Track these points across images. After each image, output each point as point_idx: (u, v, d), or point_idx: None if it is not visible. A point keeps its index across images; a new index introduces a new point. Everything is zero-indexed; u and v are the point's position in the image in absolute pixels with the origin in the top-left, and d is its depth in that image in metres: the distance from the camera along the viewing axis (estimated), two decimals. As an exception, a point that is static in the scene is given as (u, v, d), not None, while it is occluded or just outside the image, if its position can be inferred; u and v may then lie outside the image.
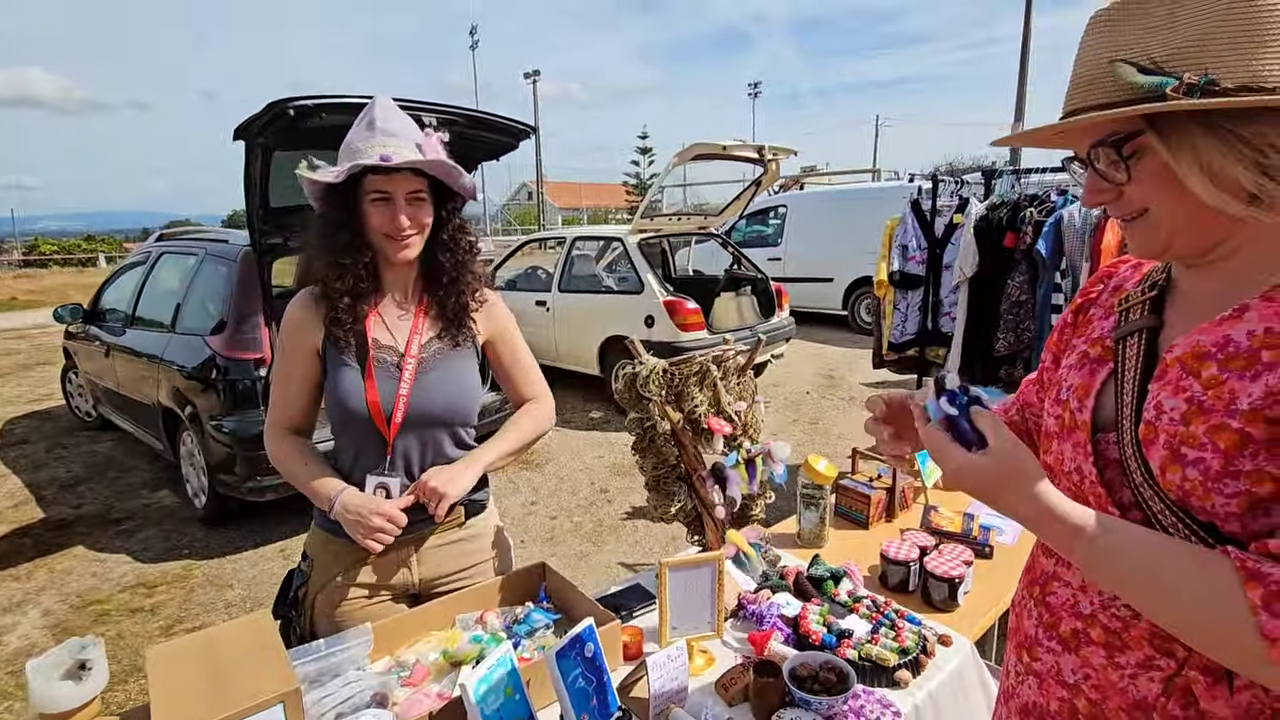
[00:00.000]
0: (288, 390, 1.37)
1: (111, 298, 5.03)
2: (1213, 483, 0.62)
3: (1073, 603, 0.76)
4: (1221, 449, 0.61)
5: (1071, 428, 0.77)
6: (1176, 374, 0.67)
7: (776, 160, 5.64)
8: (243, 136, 2.87)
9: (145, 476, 4.75)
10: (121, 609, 3.16)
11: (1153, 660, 0.69)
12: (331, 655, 1.16)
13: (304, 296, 1.34)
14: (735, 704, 1.24)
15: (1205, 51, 0.60)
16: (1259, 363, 0.61)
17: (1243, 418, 0.60)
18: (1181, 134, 0.62)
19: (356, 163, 1.22)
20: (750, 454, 1.46)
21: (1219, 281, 0.70)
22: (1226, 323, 0.65)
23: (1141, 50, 0.64)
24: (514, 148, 3.57)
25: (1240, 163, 0.60)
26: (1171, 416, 0.65)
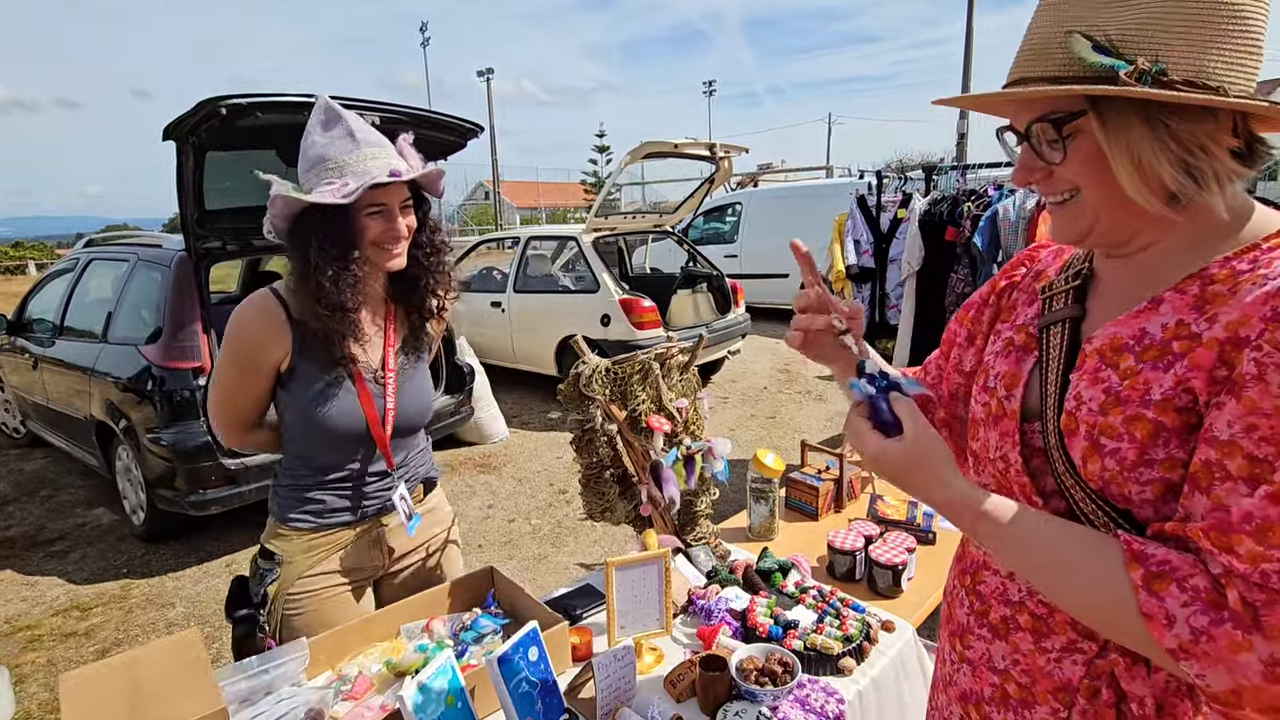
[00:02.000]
0: (243, 402, 1.35)
1: (38, 307, 4.77)
2: (1129, 471, 0.63)
3: (1002, 590, 0.78)
4: (1138, 439, 0.62)
5: (999, 416, 0.78)
6: (1095, 365, 0.68)
7: (729, 158, 5.69)
8: (173, 136, 2.75)
9: (79, 494, 4.52)
10: (54, 634, 3.00)
11: (1075, 644, 0.71)
12: (264, 672, 1.12)
13: (264, 308, 1.29)
14: (684, 700, 1.24)
15: (1155, 38, 0.59)
16: (1170, 353, 0.62)
17: (1156, 408, 0.61)
18: (1120, 121, 0.61)
19: (371, 180, 1.21)
20: (690, 451, 1.46)
21: (1137, 273, 0.70)
22: (1143, 315, 0.66)
23: (1096, 25, 0.61)
24: (462, 147, 3.52)
25: (1168, 160, 0.60)
26: (1090, 407, 0.66)
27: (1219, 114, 0.60)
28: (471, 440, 5.28)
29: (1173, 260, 0.67)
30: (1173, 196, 0.62)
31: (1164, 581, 0.56)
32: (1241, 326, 0.58)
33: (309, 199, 1.21)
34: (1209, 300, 0.62)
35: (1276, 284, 0.57)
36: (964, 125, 17.16)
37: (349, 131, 1.26)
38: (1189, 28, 0.58)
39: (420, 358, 1.48)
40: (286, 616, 1.35)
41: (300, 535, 1.36)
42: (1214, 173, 0.61)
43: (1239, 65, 0.59)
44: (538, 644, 1.14)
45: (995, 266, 2.96)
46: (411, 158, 1.32)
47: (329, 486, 1.37)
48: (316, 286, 1.24)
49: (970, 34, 17.55)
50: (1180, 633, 0.55)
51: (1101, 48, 0.60)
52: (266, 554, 1.38)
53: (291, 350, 1.30)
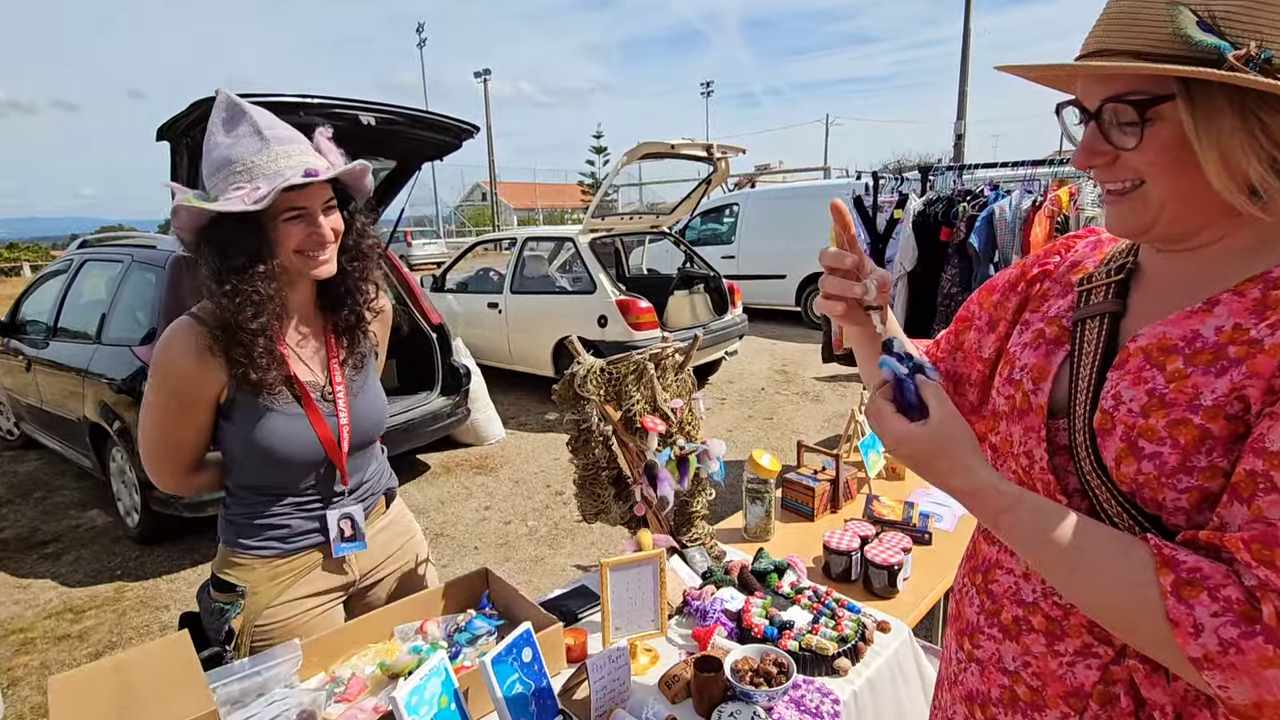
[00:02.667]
0: (182, 441, 1.24)
1: (31, 309, 4.76)
2: (1167, 477, 0.61)
3: (1015, 590, 0.76)
4: (1181, 444, 0.60)
5: (1024, 410, 0.74)
6: (1139, 364, 0.64)
7: (725, 158, 5.70)
8: (167, 136, 2.74)
9: (73, 496, 4.50)
10: (46, 637, 2.99)
11: (1091, 648, 0.69)
12: (256, 674, 1.11)
13: (191, 339, 1.17)
14: (679, 701, 1.24)
15: (1260, 19, 0.54)
16: (1225, 358, 0.59)
17: (1205, 414, 0.59)
18: (1213, 110, 0.56)
19: (284, 182, 1.09)
20: (684, 451, 1.46)
21: (1191, 270, 0.66)
22: (1195, 316, 0.63)
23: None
24: (457, 147, 3.52)
25: (1257, 156, 0.56)
26: (1130, 408, 0.63)
27: None
28: (468, 441, 5.27)
29: (1234, 260, 0.63)
30: (1254, 191, 0.58)
31: (1195, 589, 0.55)
32: None
33: (214, 208, 1.09)
34: (1271, 305, 0.59)
35: None
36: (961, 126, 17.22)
37: (255, 129, 1.13)
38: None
39: (366, 367, 1.38)
40: (256, 649, 1.26)
41: (265, 563, 1.28)
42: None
43: None
44: (531, 645, 1.14)
45: (991, 267, 2.97)
46: (331, 154, 1.20)
47: (291, 511, 1.29)
48: (232, 305, 1.12)
49: (968, 35, 17.62)
50: (1207, 642, 0.53)
51: (1207, 25, 0.55)
52: (224, 586, 1.27)
53: (227, 380, 1.18)
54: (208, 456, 1.30)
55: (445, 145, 3.42)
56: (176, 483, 1.29)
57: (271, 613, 1.28)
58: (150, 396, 1.21)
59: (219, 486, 1.33)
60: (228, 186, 1.12)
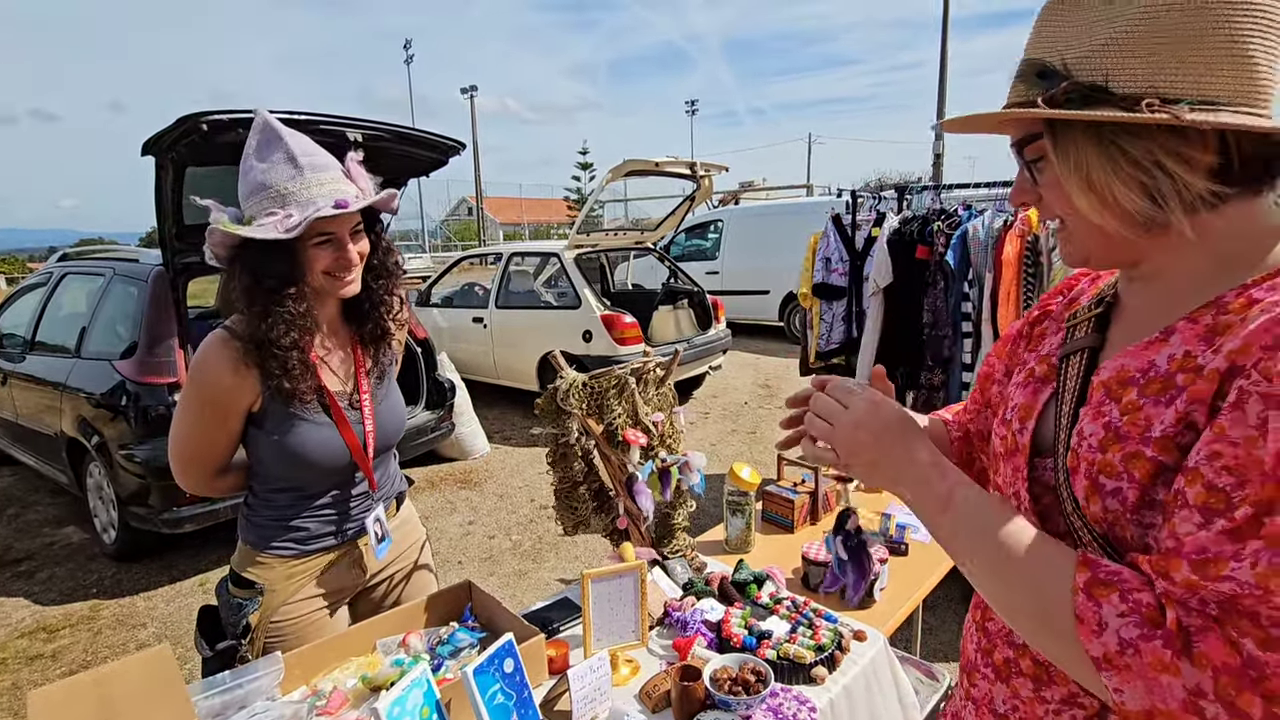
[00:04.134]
0: (215, 450, 1.30)
1: (8, 322, 4.69)
2: (1131, 514, 0.58)
3: (1007, 631, 0.74)
4: (1137, 479, 0.57)
5: (1012, 450, 0.74)
6: (1100, 398, 0.63)
7: (709, 176, 5.78)
8: (152, 152, 2.75)
9: (48, 513, 4.42)
10: (19, 656, 2.93)
11: (1076, 698, 0.67)
12: (238, 687, 1.12)
13: (228, 353, 1.22)
14: (659, 710, 1.26)
15: (1111, 56, 0.56)
16: (1173, 387, 0.57)
17: (1155, 445, 0.56)
18: (1070, 143, 0.58)
19: (316, 213, 1.15)
20: (665, 463, 1.49)
21: (1157, 300, 0.64)
22: (1153, 346, 0.61)
23: (1064, 47, 0.59)
24: (444, 164, 3.55)
25: (1120, 180, 0.56)
26: (1090, 444, 0.62)
27: (1187, 130, 0.54)
28: (452, 456, 5.25)
29: (1190, 287, 0.61)
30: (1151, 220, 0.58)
31: (1107, 590, 0.54)
32: (1241, 355, 0.53)
33: (248, 234, 1.14)
34: (1219, 331, 0.57)
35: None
36: (940, 146, 17.57)
37: (290, 155, 1.18)
38: (1150, 46, 0.55)
39: (387, 376, 1.46)
40: (269, 644, 1.32)
41: (283, 563, 1.34)
42: (1175, 191, 0.56)
43: (1223, 77, 0.54)
44: (513, 656, 1.15)
45: (966, 284, 3.05)
46: (362, 179, 1.26)
47: (312, 514, 1.35)
48: (264, 324, 1.19)
49: (945, 58, 18.03)
50: (1108, 641, 0.53)
51: (1048, 70, 0.59)
52: (242, 582, 1.33)
53: (261, 391, 1.24)
54: (234, 461, 1.36)
55: (432, 162, 3.45)
56: (204, 485, 1.34)
57: (286, 610, 1.34)
58: (184, 405, 1.26)
59: (243, 488, 1.38)
60: (261, 211, 1.17)
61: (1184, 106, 0.53)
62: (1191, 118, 0.53)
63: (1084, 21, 0.58)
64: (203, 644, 1.35)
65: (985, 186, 3.41)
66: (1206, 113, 0.53)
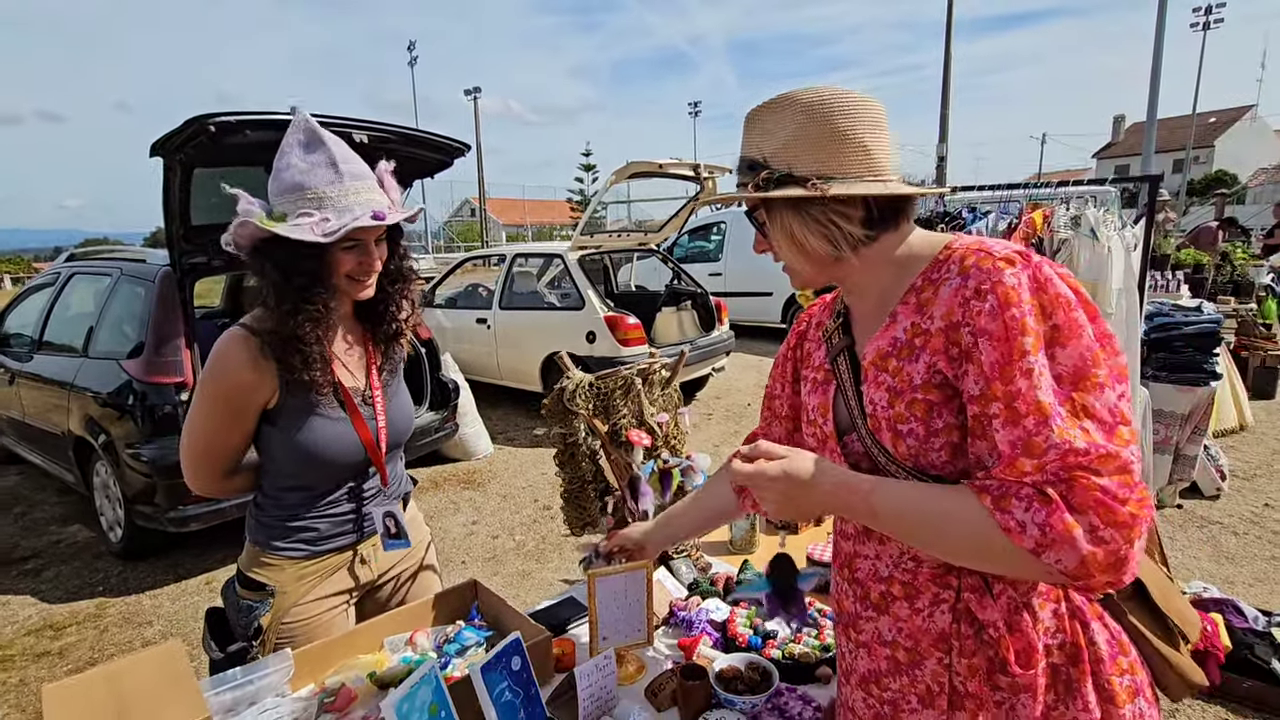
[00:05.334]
0: (228, 449, 1.32)
1: (15, 322, 4.72)
2: (924, 444, 0.81)
3: (874, 570, 0.91)
4: (920, 416, 0.81)
5: (823, 439, 0.95)
6: (874, 373, 0.87)
7: (713, 177, 5.78)
8: (160, 153, 2.78)
9: (54, 511, 4.45)
10: (26, 654, 2.94)
11: (939, 596, 0.85)
12: (249, 683, 1.13)
13: (247, 349, 1.24)
14: (664, 709, 1.26)
15: (789, 152, 0.84)
16: (915, 348, 0.82)
17: (921, 390, 0.81)
18: (777, 211, 0.87)
19: (355, 222, 1.17)
20: (667, 465, 1.50)
21: (871, 302, 0.92)
22: (889, 328, 0.87)
23: (761, 148, 0.87)
24: (449, 165, 3.57)
25: (811, 233, 0.85)
26: (881, 405, 0.85)
27: (842, 197, 0.83)
28: (456, 456, 5.26)
29: (890, 285, 0.88)
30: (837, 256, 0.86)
31: (1006, 499, 0.71)
32: (950, 315, 0.79)
33: (285, 232, 1.15)
34: (924, 304, 0.83)
35: (956, 280, 0.80)
36: (943, 149, 17.54)
37: (331, 160, 1.20)
38: (808, 146, 0.84)
39: (397, 373, 1.49)
40: (280, 645, 1.32)
41: (294, 564, 1.34)
42: (845, 237, 0.85)
43: (853, 162, 0.83)
44: (521, 654, 1.16)
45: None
46: (392, 190, 1.29)
47: (322, 513, 1.36)
48: (293, 320, 1.21)
49: (948, 61, 18.01)
50: (1031, 533, 0.69)
51: (754, 164, 0.87)
52: (253, 584, 1.33)
53: (278, 387, 1.26)
54: (244, 462, 1.37)
55: (437, 163, 3.47)
56: (214, 486, 1.35)
57: (297, 611, 1.35)
58: (199, 403, 1.27)
59: (251, 490, 1.39)
60: (295, 210, 1.18)
61: (832, 183, 0.82)
62: (835, 190, 0.82)
63: (768, 129, 0.86)
64: (213, 646, 1.34)
65: (989, 189, 3.41)
66: (848, 185, 0.83)
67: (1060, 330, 0.73)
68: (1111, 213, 3.05)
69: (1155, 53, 14.69)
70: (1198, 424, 3.70)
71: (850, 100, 0.84)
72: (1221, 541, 3.50)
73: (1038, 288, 0.75)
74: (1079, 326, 0.74)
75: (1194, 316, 3.68)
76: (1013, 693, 0.82)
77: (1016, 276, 0.75)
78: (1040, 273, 0.76)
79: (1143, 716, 0.84)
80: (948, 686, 0.84)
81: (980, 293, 0.76)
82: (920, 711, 0.87)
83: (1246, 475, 4.33)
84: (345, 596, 1.43)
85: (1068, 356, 0.73)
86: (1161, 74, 14.76)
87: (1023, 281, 0.75)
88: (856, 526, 0.94)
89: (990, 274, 0.77)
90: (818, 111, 0.83)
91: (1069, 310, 0.74)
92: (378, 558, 1.46)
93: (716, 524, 1.36)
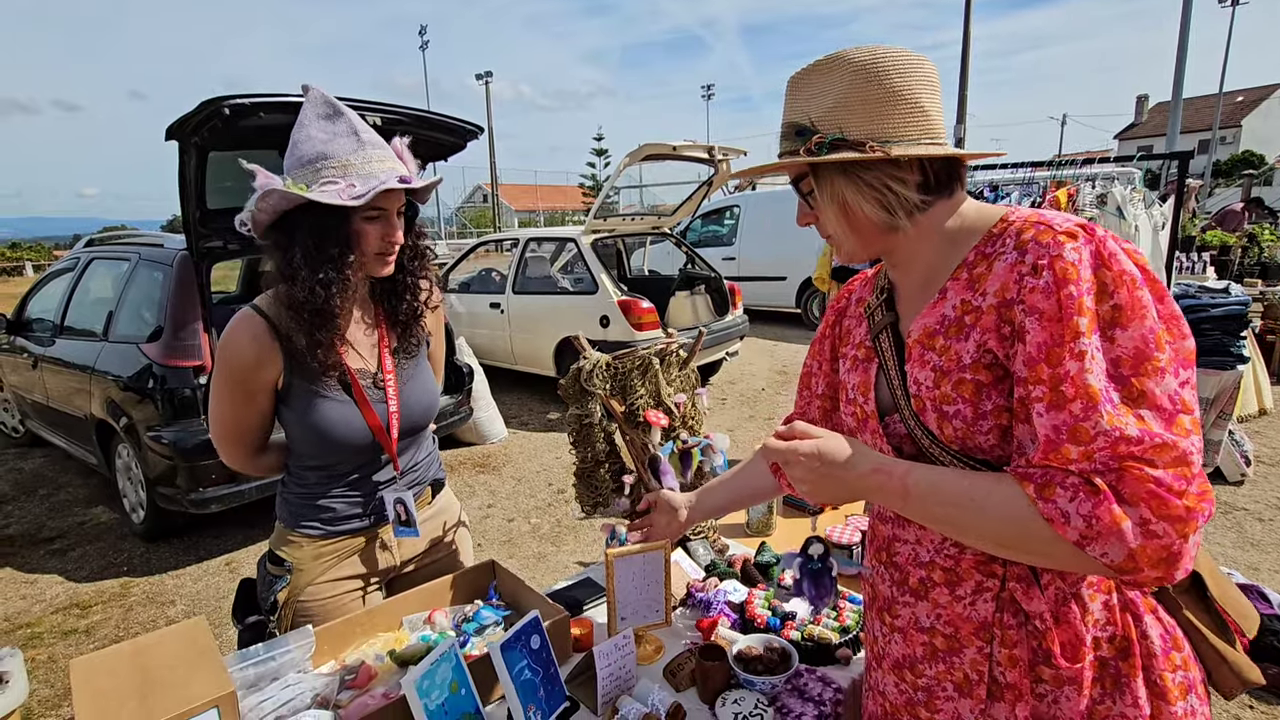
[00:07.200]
0: (247, 426, 1.32)
1: (38, 307, 4.78)
2: (971, 426, 0.78)
3: (914, 555, 0.88)
4: (968, 398, 0.77)
5: (864, 419, 0.93)
6: (919, 352, 0.83)
7: (727, 160, 5.72)
8: (176, 136, 2.78)
9: (79, 493, 4.53)
10: (54, 631, 3.01)
11: (982, 584, 0.82)
12: (271, 659, 1.14)
13: (250, 329, 1.24)
14: (683, 689, 1.26)
15: (839, 116, 0.80)
16: (965, 326, 0.79)
17: (970, 370, 0.77)
18: (827, 178, 0.83)
19: (381, 186, 1.16)
20: (686, 445, 1.49)
21: (919, 275, 0.88)
22: (938, 305, 0.83)
23: (807, 112, 0.83)
24: (462, 148, 3.55)
25: (864, 199, 0.80)
26: (926, 385, 0.81)
27: (900, 160, 0.79)
28: (470, 440, 5.29)
29: (940, 259, 0.84)
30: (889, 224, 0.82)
31: (1050, 487, 0.68)
32: (1004, 291, 0.76)
33: (316, 197, 1.14)
34: (976, 280, 0.80)
35: (1012, 255, 0.76)
36: (961, 130, 17.24)
37: (353, 130, 1.21)
38: (861, 107, 0.79)
39: (418, 355, 1.45)
40: (296, 623, 1.34)
41: (311, 542, 1.36)
42: (901, 202, 0.81)
43: (910, 124, 0.80)
44: (540, 633, 1.16)
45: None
46: (410, 163, 1.28)
47: (339, 494, 1.36)
48: (325, 291, 1.19)
49: (967, 39, 17.65)
50: (1076, 524, 0.66)
51: (802, 129, 0.83)
52: (276, 560, 1.36)
53: (284, 367, 1.26)
54: (274, 441, 1.38)
55: (451, 146, 3.45)
56: (245, 463, 1.37)
57: (313, 590, 1.36)
58: (216, 385, 1.29)
59: (283, 468, 1.41)
60: (318, 179, 1.17)
61: (891, 146, 0.79)
62: (897, 153, 0.78)
63: (816, 92, 0.82)
64: (239, 616, 1.38)
65: (1011, 168, 3.34)
66: (907, 148, 0.79)
67: (1122, 310, 0.69)
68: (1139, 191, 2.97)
69: (1182, 29, 14.29)
70: (1223, 408, 3.63)
71: (905, 58, 0.80)
72: (1246, 527, 3.44)
73: (1100, 264, 0.71)
74: (1142, 306, 0.69)
75: (1221, 298, 3.60)
76: (1056, 685, 0.79)
77: (1078, 252, 0.71)
78: (1104, 248, 0.72)
79: (1194, 713, 0.81)
80: (987, 676, 0.82)
81: (1037, 268, 0.72)
82: (956, 699, 0.85)
83: (1272, 461, 4.25)
84: (363, 581, 1.43)
85: (1128, 338, 0.68)
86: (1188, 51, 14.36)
87: (1084, 257, 0.71)
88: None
89: (1049, 248, 0.72)
90: (871, 70, 0.79)
91: (1133, 289, 0.69)
92: (400, 544, 1.46)
93: (753, 502, 1.34)
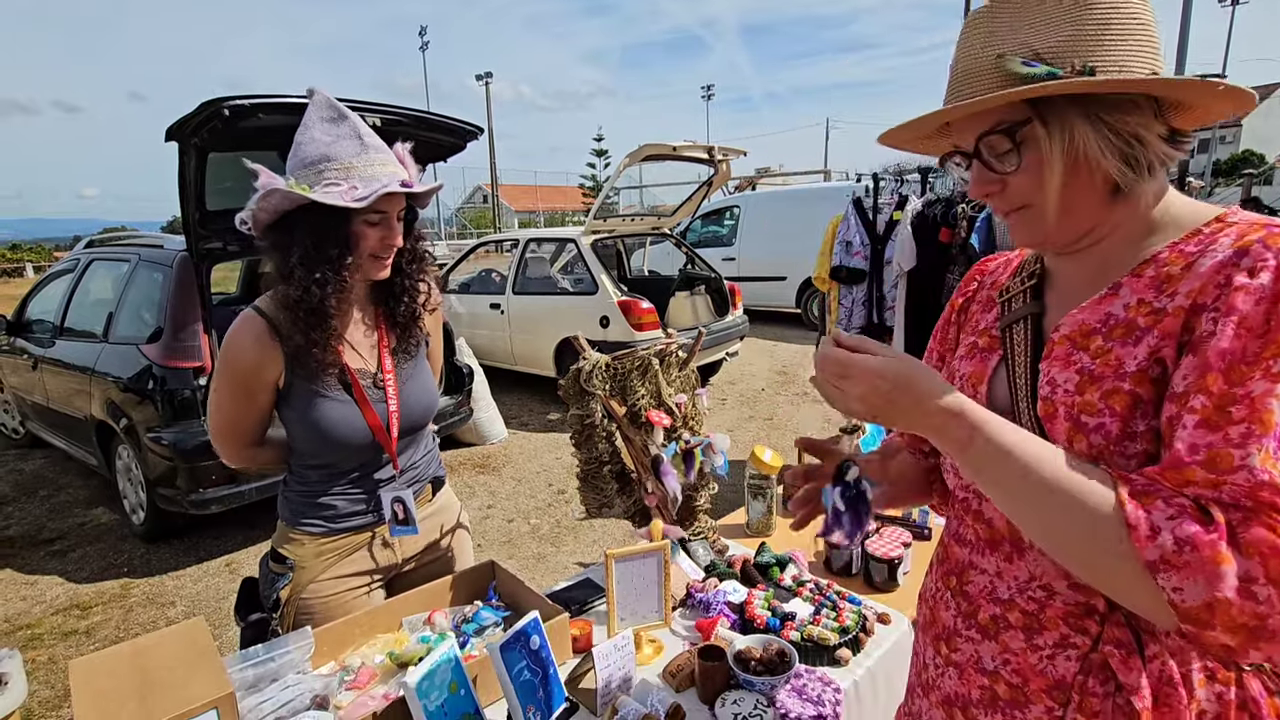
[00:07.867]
0: (246, 423, 1.34)
1: (38, 308, 4.78)
2: (1115, 445, 0.65)
3: (990, 589, 0.77)
4: (1118, 411, 0.65)
5: None
6: (1065, 350, 0.71)
7: (727, 160, 5.72)
8: (175, 137, 2.78)
9: (79, 494, 4.53)
10: (54, 632, 3.01)
11: (1069, 639, 0.70)
12: (270, 660, 1.14)
13: (253, 330, 1.25)
14: (683, 689, 1.26)
15: (1081, 47, 0.65)
16: (1137, 329, 0.66)
17: (1132, 379, 0.65)
18: (1063, 122, 0.66)
19: (383, 189, 1.18)
20: (689, 445, 1.49)
21: (1090, 266, 0.74)
22: (1105, 301, 0.70)
23: (1022, 45, 0.67)
24: (461, 148, 3.55)
25: (1110, 151, 0.66)
26: (1066, 388, 0.69)
27: (1143, 106, 0.66)
28: (470, 441, 5.29)
29: (1125, 250, 0.72)
30: (1115, 190, 0.68)
31: (1150, 498, 0.58)
32: (1200, 294, 0.63)
33: (319, 198, 1.15)
34: (1166, 280, 0.67)
35: (1227, 254, 0.63)
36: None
37: (356, 133, 1.22)
38: (1107, 33, 0.65)
39: (417, 355, 1.46)
40: (299, 621, 1.35)
41: (312, 540, 1.36)
42: (1149, 159, 0.67)
43: (1145, 59, 0.66)
44: (539, 633, 1.16)
45: (990, 268, 3.01)
46: (411, 167, 1.30)
47: (340, 492, 1.37)
48: (321, 291, 1.20)
49: (967, 39, 17.64)
50: (1164, 542, 0.55)
51: (1031, 63, 0.66)
52: (278, 558, 1.37)
53: (284, 368, 1.27)
54: (271, 435, 1.40)
55: (450, 146, 3.45)
56: (241, 457, 1.38)
57: (315, 588, 1.36)
58: (217, 383, 1.31)
59: (280, 463, 1.42)
60: (320, 181, 1.19)
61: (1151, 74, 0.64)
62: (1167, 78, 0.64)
63: (1041, 18, 0.67)
64: (241, 614, 1.39)
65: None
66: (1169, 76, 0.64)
67: None
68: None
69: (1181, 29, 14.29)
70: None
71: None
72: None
73: None
74: None
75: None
76: None
77: None
78: None
79: None
80: None
81: (1255, 270, 0.60)
82: None
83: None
84: (365, 579, 1.44)
85: None
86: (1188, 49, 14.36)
87: None
88: (979, 534, 0.80)
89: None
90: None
91: None
92: (401, 542, 1.46)
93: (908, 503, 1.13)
